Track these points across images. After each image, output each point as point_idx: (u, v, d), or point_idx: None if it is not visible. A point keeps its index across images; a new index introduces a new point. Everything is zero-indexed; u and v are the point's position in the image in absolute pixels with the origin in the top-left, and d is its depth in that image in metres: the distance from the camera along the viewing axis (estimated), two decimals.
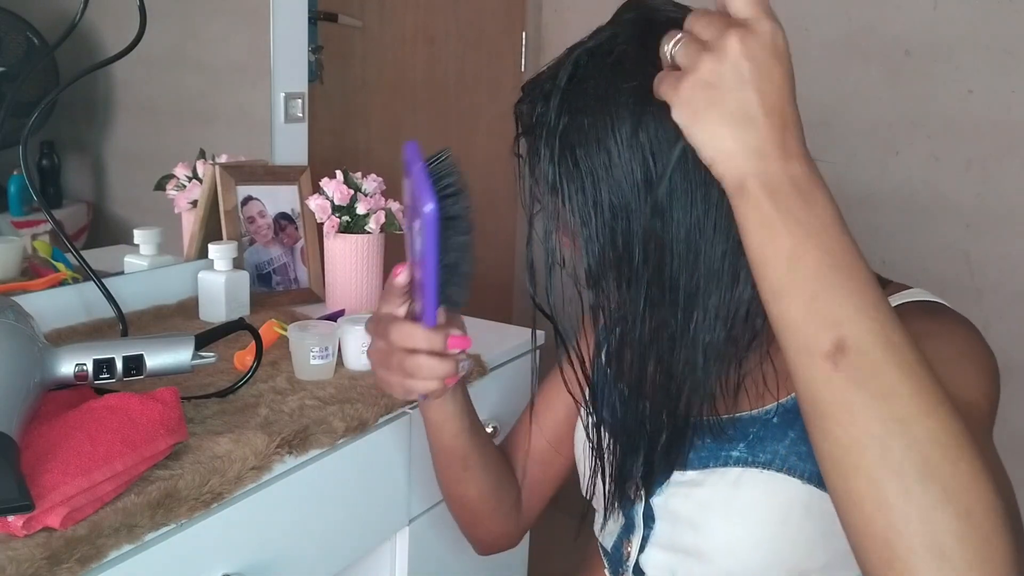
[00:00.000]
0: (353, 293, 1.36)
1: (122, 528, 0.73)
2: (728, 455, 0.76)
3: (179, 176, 1.41)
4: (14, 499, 0.67)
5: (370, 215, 1.33)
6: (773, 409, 0.76)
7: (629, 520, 0.85)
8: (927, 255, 1.94)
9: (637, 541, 0.84)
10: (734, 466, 0.76)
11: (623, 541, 0.86)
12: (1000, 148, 1.85)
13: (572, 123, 0.68)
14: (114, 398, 0.82)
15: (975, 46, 1.84)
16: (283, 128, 1.49)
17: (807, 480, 0.73)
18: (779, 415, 0.76)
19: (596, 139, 0.67)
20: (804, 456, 0.73)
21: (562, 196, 0.70)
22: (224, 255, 1.26)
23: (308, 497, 0.94)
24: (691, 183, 0.66)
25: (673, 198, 0.67)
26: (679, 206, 0.67)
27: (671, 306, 0.69)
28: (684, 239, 0.67)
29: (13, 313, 0.84)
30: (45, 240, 1.25)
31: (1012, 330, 1.86)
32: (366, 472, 1.02)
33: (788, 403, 0.76)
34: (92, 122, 1.39)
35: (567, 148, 0.69)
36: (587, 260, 0.71)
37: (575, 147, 0.68)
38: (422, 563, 1.14)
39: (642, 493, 0.82)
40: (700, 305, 0.69)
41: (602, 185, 0.68)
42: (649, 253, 0.68)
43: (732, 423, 0.77)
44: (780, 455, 0.74)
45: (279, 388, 1.02)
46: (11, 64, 1.22)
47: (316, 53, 1.77)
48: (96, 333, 1.16)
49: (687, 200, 0.67)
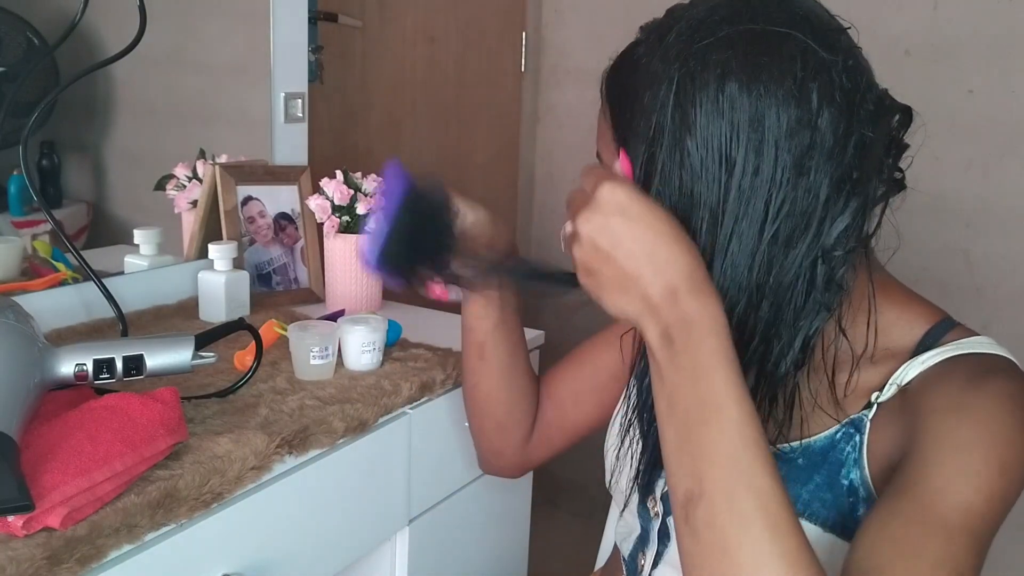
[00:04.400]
0: (353, 293, 1.36)
1: (122, 528, 0.73)
2: None
3: (179, 176, 1.41)
4: (14, 499, 0.67)
5: (370, 215, 1.33)
6: (798, 448, 0.73)
7: (645, 532, 0.85)
8: (927, 255, 1.94)
9: (651, 556, 0.83)
10: None
11: (639, 552, 0.86)
12: (1000, 148, 1.85)
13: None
14: (114, 398, 0.82)
15: (975, 46, 1.84)
16: (283, 128, 1.49)
17: (828, 529, 0.71)
18: (804, 456, 0.73)
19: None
20: (828, 504, 0.71)
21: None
22: (224, 255, 1.26)
23: (308, 497, 0.94)
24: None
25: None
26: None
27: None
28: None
29: (13, 313, 0.84)
30: (45, 240, 1.25)
31: (1012, 330, 1.86)
32: (366, 472, 1.02)
33: (815, 444, 0.72)
34: (92, 122, 1.39)
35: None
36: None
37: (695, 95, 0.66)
38: (422, 563, 1.14)
39: (659, 510, 0.82)
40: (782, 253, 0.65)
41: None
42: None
43: None
44: (803, 499, 0.71)
45: (279, 388, 1.02)
46: (11, 64, 1.22)
47: (316, 53, 1.77)
48: (96, 333, 1.16)
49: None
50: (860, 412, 0.71)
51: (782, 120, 0.63)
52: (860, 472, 0.70)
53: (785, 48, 0.64)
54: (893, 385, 0.70)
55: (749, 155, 0.63)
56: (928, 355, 0.69)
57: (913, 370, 0.69)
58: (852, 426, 0.71)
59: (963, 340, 0.70)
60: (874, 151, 0.65)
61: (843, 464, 0.71)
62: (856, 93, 0.65)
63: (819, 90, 0.63)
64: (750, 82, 0.63)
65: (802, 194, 0.64)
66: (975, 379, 0.66)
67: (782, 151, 0.63)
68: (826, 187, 0.64)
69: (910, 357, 0.71)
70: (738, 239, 0.64)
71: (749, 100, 0.63)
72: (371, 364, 1.10)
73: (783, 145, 0.63)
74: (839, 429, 0.72)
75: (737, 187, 0.64)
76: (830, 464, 0.71)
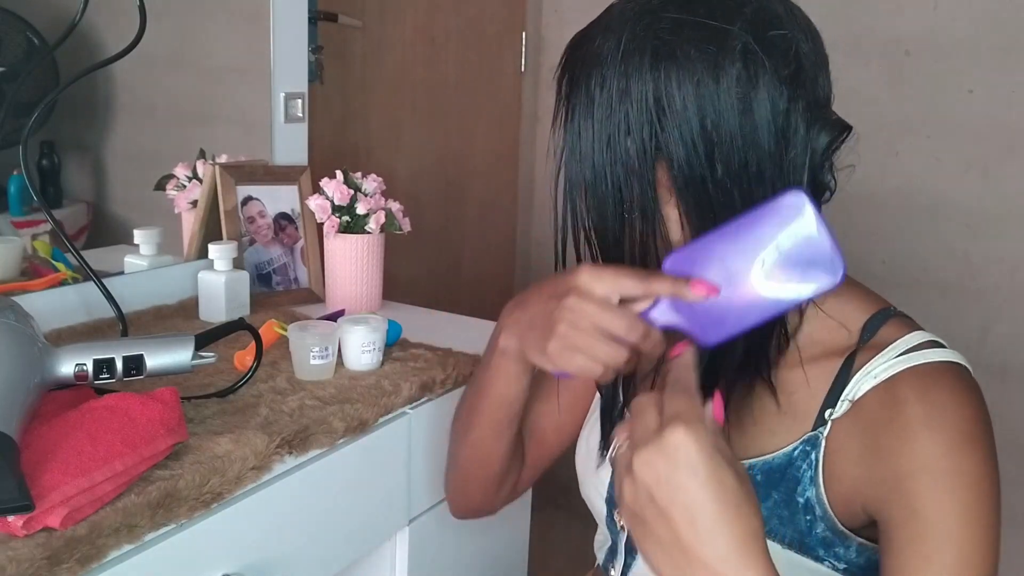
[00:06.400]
0: (353, 293, 1.36)
1: (122, 528, 0.73)
2: None
3: (179, 176, 1.41)
4: (14, 499, 0.67)
5: (370, 215, 1.33)
6: (757, 465, 0.73)
7: (614, 545, 0.85)
8: (927, 255, 1.94)
9: (619, 567, 0.84)
10: None
11: (609, 564, 0.86)
12: (1000, 148, 1.85)
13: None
14: (114, 398, 0.82)
15: (975, 46, 1.84)
16: (283, 128, 1.49)
17: (787, 546, 0.71)
18: (763, 473, 0.73)
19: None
20: (785, 520, 0.71)
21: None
22: (224, 255, 1.26)
23: (308, 497, 0.94)
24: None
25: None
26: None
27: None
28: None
29: (13, 313, 0.84)
30: (45, 240, 1.25)
31: (1012, 330, 1.86)
32: (366, 472, 1.02)
33: (774, 462, 0.72)
34: (92, 122, 1.39)
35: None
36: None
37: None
38: (422, 563, 1.14)
39: (624, 524, 0.81)
40: None
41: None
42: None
43: None
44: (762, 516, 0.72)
45: (279, 388, 1.02)
46: (11, 64, 1.22)
47: (316, 53, 1.77)
48: (96, 333, 1.15)
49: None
50: (815, 430, 0.71)
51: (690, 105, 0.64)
52: (816, 490, 0.70)
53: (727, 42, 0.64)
54: (845, 401, 0.70)
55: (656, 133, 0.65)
56: (878, 366, 0.69)
57: (865, 384, 0.69)
58: (808, 443, 0.71)
59: (906, 340, 0.70)
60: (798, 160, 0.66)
61: (799, 481, 0.71)
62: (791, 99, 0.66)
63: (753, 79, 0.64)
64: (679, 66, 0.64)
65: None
66: (922, 393, 0.66)
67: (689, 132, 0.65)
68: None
69: (850, 354, 0.71)
70: None
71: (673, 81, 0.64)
72: (371, 364, 1.10)
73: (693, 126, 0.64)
74: (796, 447, 0.72)
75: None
76: (787, 481, 0.72)
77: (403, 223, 1.39)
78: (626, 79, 0.65)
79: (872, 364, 0.69)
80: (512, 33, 2.37)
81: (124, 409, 0.80)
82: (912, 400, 0.66)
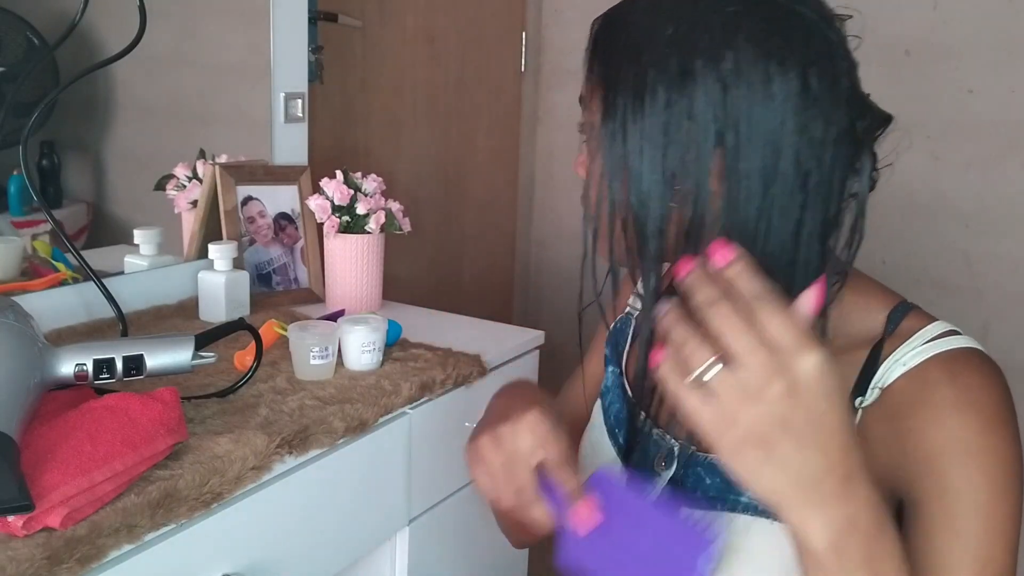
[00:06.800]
0: (353, 293, 1.36)
1: (122, 528, 0.73)
2: (737, 500, 0.73)
3: (179, 176, 1.41)
4: (14, 499, 0.67)
5: (370, 215, 1.33)
6: None
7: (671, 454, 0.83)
8: (927, 255, 1.94)
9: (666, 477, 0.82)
10: (743, 513, 0.72)
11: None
12: (1000, 148, 1.85)
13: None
14: (114, 398, 0.82)
15: (975, 46, 1.84)
16: (283, 128, 1.49)
17: None
18: None
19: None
20: None
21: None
22: (224, 255, 1.26)
23: (308, 497, 0.94)
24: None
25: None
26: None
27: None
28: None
29: (13, 313, 0.84)
30: (45, 240, 1.25)
31: (1012, 330, 1.86)
32: (366, 472, 1.02)
33: None
34: (92, 122, 1.39)
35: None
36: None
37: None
38: (422, 563, 1.14)
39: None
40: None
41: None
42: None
43: None
44: None
45: (279, 388, 1.02)
46: (11, 64, 1.22)
47: (316, 53, 1.77)
48: (96, 333, 1.15)
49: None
50: None
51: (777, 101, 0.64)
52: None
53: (794, 25, 0.66)
54: (876, 389, 0.70)
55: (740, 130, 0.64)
56: (906, 353, 0.70)
57: (895, 371, 0.69)
58: None
59: (929, 330, 0.71)
60: (844, 149, 0.69)
61: None
62: (843, 86, 0.68)
63: (818, 74, 0.66)
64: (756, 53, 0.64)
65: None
66: (952, 378, 0.68)
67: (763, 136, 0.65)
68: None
69: (876, 345, 0.71)
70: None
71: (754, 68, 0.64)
72: (371, 364, 1.10)
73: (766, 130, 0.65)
74: None
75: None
76: None
77: (403, 223, 1.39)
78: (692, 60, 0.64)
79: (900, 352, 0.70)
80: (512, 33, 2.37)
81: (124, 409, 0.80)
82: (944, 383, 0.68)
